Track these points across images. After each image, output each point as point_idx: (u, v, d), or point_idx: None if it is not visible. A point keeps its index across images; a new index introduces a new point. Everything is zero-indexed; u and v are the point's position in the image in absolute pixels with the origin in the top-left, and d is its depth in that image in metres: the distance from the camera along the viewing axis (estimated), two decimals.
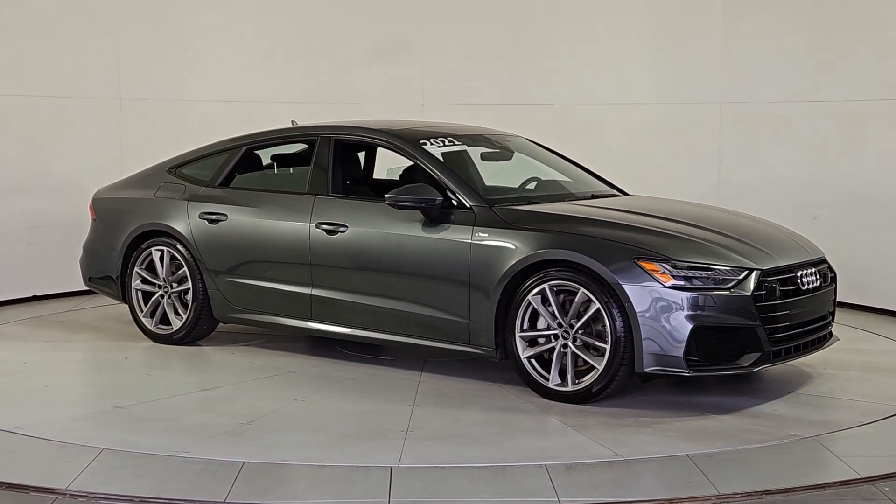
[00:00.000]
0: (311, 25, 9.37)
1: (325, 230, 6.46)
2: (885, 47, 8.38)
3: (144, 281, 7.21)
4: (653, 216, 6.16)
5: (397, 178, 7.09)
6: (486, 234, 5.95)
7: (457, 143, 6.75)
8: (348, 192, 6.76)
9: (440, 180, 6.25)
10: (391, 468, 4.77)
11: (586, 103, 9.30)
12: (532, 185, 6.82)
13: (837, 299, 6.44)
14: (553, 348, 5.76)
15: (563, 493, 4.50)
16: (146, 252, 7.16)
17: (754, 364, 5.65)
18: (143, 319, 7.21)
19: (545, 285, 5.75)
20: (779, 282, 5.78)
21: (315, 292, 6.54)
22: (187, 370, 6.69)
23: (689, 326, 5.48)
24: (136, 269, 7.20)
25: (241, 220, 6.81)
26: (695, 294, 5.51)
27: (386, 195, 6.19)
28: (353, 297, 6.41)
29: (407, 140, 6.58)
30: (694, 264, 5.60)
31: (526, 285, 5.80)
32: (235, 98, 9.17)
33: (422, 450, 5.07)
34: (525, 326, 5.85)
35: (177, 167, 7.31)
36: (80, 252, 7.70)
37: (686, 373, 5.52)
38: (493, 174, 6.98)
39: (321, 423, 5.52)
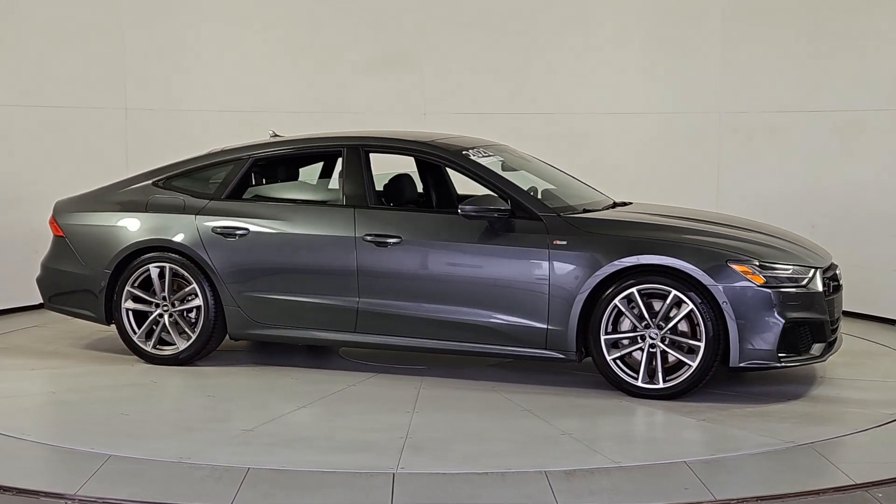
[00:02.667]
0: (312, 36, 9.45)
1: (374, 242, 6.46)
2: (882, 57, 8.46)
3: (136, 300, 6.85)
4: (707, 221, 6.62)
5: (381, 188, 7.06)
6: (564, 242, 6.17)
7: (489, 153, 6.88)
8: (385, 203, 6.81)
9: (502, 191, 6.40)
10: (393, 474, 4.85)
11: (586, 113, 9.36)
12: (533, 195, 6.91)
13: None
14: (641, 349, 6.06)
15: (562, 499, 4.58)
16: (141, 270, 6.81)
17: (822, 354, 6.21)
18: (138, 341, 6.85)
19: (633, 289, 6.02)
20: (829, 279, 6.33)
21: (363, 304, 6.51)
22: (239, 389, 6.44)
23: (782, 322, 5.93)
24: (127, 287, 6.82)
25: (267, 233, 6.65)
26: (784, 292, 6.00)
27: (459, 206, 6.32)
28: (410, 308, 6.42)
29: (452, 152, 6.70)
30: (776, 265, 6.08)
31: (612, 289, 6.05)
32: (239, 108, 9.24)
33: (615, 449, 5.30)
34: (608, 329, 6.09)
35: (165, 180, 7.02)
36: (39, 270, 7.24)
37: (778, 365, 6.00)
38: None
39: (492, 433, 5.54)
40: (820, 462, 5.12)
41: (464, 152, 6.70)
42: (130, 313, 6.87)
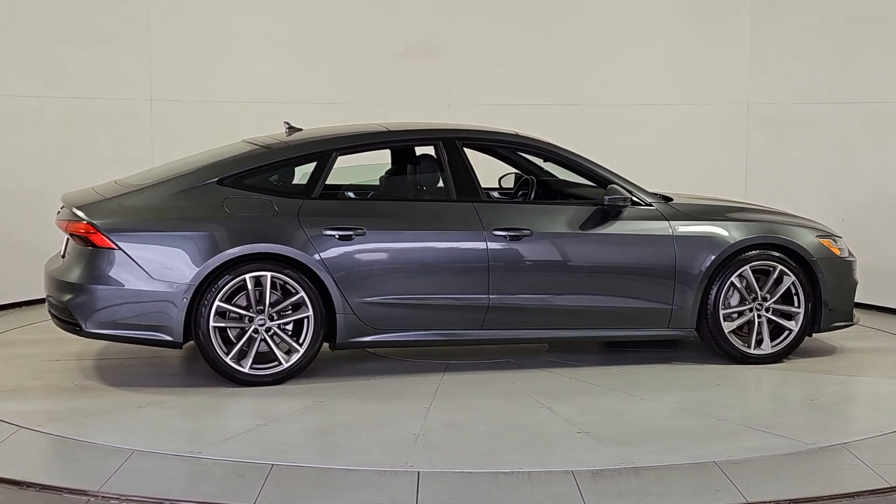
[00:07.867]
0: (339, 27, 9.40)
1: (507, 236, 6.39)
2: None
3: (224, 315, 6.12)
4: (757, 205, 7.33)
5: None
6: (686, 228, 6.61)
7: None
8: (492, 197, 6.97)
9: (611, 181, 6.69)
10: (418, 472, 4.80)
11: (613, 104, 9.30)
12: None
13: (863, 300, 7.77)
14: (750, 320, 6.69)
15: (589, 499, 4.53)
16: (236, 281, 6.07)
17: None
18: (230, 361, 6.09)
19: (747, 266, 6.63)
20: None
21: (494, 300, 6.40)
22: (414, 399, 5.97)
23: (856, 289, 6.93)
24: (216, 302, 6.05)
25: (388, 233, 6.29)
26: (851, 260, 6.92)
27: (605, 196, 6.55)
28: (544, 300, 6.49)
29: (549, 143, 6.82)
30: (835, 237, 6.92)
31: (730, 268, 6.61)
32: (265, 99, 9.21)
33: (796, 421, 5.70)
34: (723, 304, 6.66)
35: (233, 178, 6.27)
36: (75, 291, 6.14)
37: (852, 324, 6.93)
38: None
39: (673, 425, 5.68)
40: (854, 463, 5.03)
41: (556, 145, 6.84)
42: (217, 331, 6.15)
